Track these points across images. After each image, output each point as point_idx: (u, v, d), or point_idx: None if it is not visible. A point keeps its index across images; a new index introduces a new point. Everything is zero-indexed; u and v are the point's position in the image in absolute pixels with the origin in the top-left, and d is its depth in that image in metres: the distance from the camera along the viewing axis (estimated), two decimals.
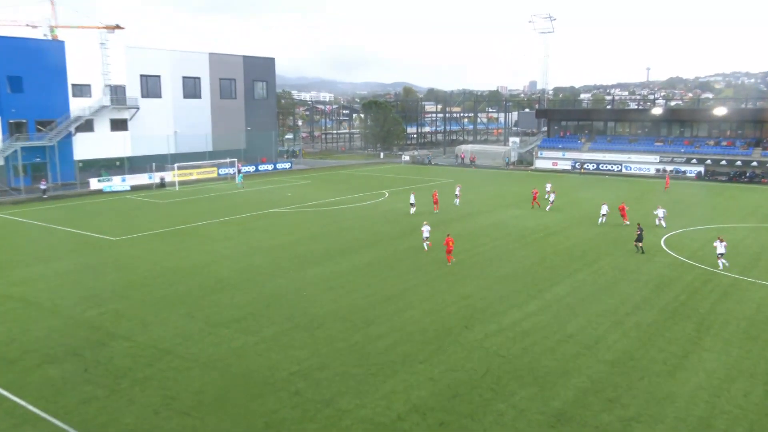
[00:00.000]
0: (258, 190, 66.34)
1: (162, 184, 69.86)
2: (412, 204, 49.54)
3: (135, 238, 40.69)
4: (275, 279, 30.26)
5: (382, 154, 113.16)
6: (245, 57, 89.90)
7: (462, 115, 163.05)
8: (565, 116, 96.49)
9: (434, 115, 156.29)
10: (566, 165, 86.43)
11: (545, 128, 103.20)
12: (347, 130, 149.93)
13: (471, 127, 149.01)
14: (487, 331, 23.11)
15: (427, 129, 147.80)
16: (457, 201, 53.82)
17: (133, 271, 32.05)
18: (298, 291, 28.21)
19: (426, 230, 36.48)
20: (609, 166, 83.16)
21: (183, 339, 22.63)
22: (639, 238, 34.90)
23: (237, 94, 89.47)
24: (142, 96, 77.63)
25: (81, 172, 70.99)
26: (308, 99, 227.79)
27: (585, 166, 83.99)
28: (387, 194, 60.72)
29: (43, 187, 62.48)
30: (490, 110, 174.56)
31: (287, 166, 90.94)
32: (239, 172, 75.96)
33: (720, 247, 31.58)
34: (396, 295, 27.40)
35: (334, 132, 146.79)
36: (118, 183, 68.60)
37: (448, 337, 22.58)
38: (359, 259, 34.18)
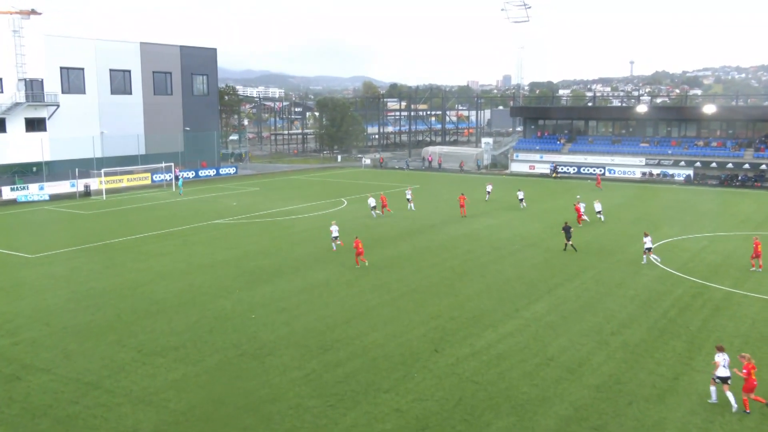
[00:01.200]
0: (199, 198, 65.66)
1: (87, 193, 68.75)
2: (372, 207, 52.27)
3: (55, 256, 39.76)
4: (219, 300, 29.95)
5: (339, 158, 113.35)
6: (182, 47, 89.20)
7: (429, 113, 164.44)
8: (543, 114, 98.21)
9: (398, 113, 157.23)
10: (544, 168, 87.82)
11: (521, 128, 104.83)
12: (300, 131, 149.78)
13: (439, 126, 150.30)
14: (459, 355, 23.27)
15: (390, 129, 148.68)
16: (411, 206, 55.57)
17: (53, 294, 31.31)
18: (246, 313, 27.97)
19: (335, 230, 40.00)
20: (591, 170, 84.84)
21: (112, 371, 22.20)
22: (567, 237, 39.34)
23: (173, 89, 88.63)
24: (63, 91, 76.34)
25: None
26: (255, 95, 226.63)
27: (559, 169, 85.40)
28: (345, 202, 60.75)
29: None
30: (461, 108, 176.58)
31: (232, 171, 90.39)
32: (177, 178, 75.01)
33: (647, 242, 36.11)
34: (356, 317, 27.39)
35: (286, 132, 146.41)
36: (35, 192, 67.16)
37: (415, 362, 22.66)
38: (315, 276, 34.07)
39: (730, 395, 19.24)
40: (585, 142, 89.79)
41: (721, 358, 19.59)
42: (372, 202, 52.76)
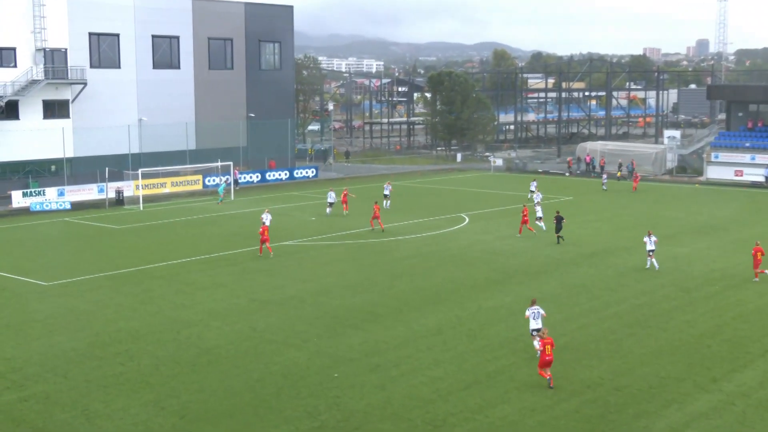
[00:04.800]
0: (263, 211, 67.11)
1: (119, 201, 71.59)
2: (330, 203, 63.07)
3: (76, 284, 41.59)
4: (290, 351, 30.45)
5: (459, 156, 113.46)
6: (248, 4, 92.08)
7: (587, 94, 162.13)
8: (756, 96, 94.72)
9: (543, 95, 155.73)
10: (758, 174, 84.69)
11: (722, 115, 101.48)
12: (405, 119, 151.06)
13: (602, 113, 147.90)
14: None
15: (531, 117, 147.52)
16: (387, 204, 64.96)
17: (72, 335, 32.70)
18: (326, 371, 28.29)
19: (266, 218, 50.50)
20: None
21: None
22: (558, 228, 48.09)
23: (235, 61, 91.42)
24: (92, 65, 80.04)
25: None
26: (345, 69, 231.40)
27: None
28: (467, 219, 60.66)
29: None
30: (634, 87, 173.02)
31: (310, 173, 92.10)
32: (236, 181, 77.20)
33: (649, 243, 43.20)
34: (479, 381, 27.18)
35: (385, 121, 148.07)
36: (53, 198, 70.67)
37: None
38: (422, 321, 34.09)
39: (536, 344, 28.41)
40: None
41: (530, 312, 29.66)
42: (331, 196, 62.88)
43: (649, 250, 43.63)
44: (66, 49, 78.06)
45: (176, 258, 47.80)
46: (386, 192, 67.08)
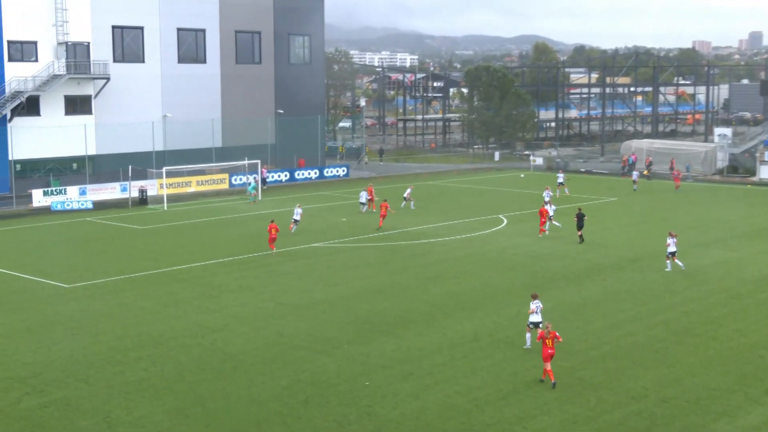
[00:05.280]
0: (291, 211, 67.32)
1: (142, 200, 72.24)
2: (362, 203, 62.94)
3: (98, 286, 41.99)
4: (319, 357, 30.49)
5: (497, 155, 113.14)
6: None
7: (633, 90, 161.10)
8: None
9: (586, 90, 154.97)
10: None
11: None
12: (440, 115, 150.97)
13: (648, 110, 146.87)
14: None
15: (573, 113, 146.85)
16: (406, 204, 66.21)
17: (93, 339, 33.00)
18: (356, 378, 28.31)
19: (298, 213, 55.62)
20: None
21: None
22: (579, 226, 49.89)
23: (263, 55, 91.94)
24: (115, 59, 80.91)
25: (18, 180, 74.23)
26: (377, 63, 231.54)
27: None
28: (505, 221, 60.46)
29: None
30: (682, 82, 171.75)
31: (341, 172, 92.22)
32: (260, 181, 77.29)
33: (672, 245, 43.67)
34: (518, 391, 27.04)
35: (419, 118, 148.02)
36: (74, 197, 71.42)
37: None
38: (458, 327, 34.05)
39: (528, 337, 30.90)
40: None
41: (535, 305, 30.87)
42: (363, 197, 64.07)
43: (671, 252, 43.96)
44: (89, 43, 78.94)
45: (201, 260, 48.08)
46: (406, 195, 67.55)
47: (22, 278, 43.87)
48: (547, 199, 61.88)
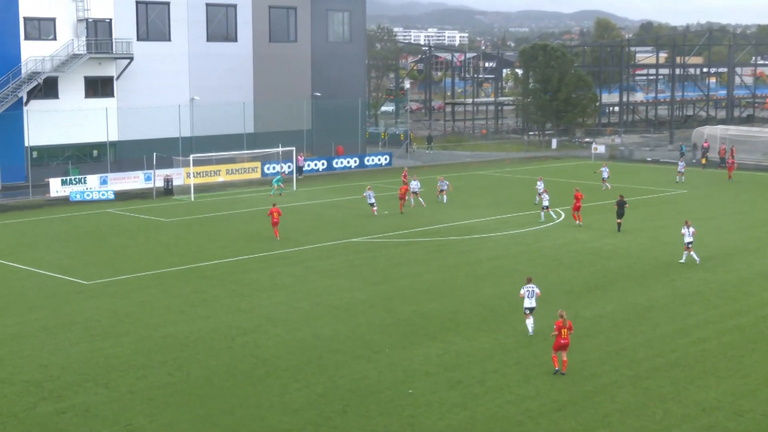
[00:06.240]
0: (329, 202, 67.83)
1: (168, 190, 72.68)
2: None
3: (120, 283, 42.35)
4: (358, 362, 30.54)
5: (554, 142, 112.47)
6: None
7: (706, 71, 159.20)
8: None
9: (653, 71, 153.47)
10: None
11: None
12: (492, 99, 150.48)
13: (723, 93, 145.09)
14: None
15: (639, 97, 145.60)
16: (441, 196, 66.06)
17: (114, 340, 33.25)
18: (399, 386, 28.29)
19: (370, 195, 59.22)
20: None
21: None
22: (619, 214, 52.83)
23: (299, 33, 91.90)
24: (139, 38, 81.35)
25: (35, 168, 74.79)
26: (423, 42, 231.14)
27: None
28: (563, 215, 60.13)
29: None
30: (761, 62, 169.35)
31: (384, 160, 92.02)
32: (294, 170, 77.41)
33: (687, 235, 44.49)
34: (580, 399, 26.91)
35: (469, 101, 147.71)
36: (94, 186, 72.05)
37: None
38: (509, 332, 33.94)
39: (529, 323, 33.05)
40: None
41: (525, 290, 32.98)
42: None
43: (687, 243, 44.76)
44: (111, 20, 79.42)
45: (231, 255, 48.34)
46: (443, 187, 66.57)
47: (38, 274, 44.37)
48: (540, 189, 62.41)
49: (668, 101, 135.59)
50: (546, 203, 58.01)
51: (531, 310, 32.99)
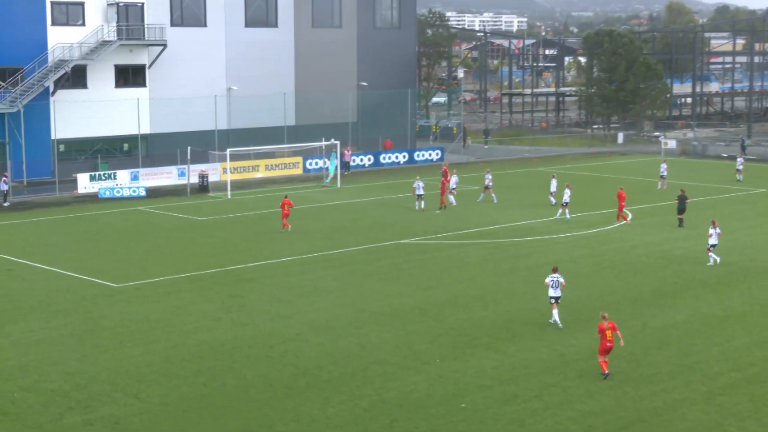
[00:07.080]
0: (376, 201, 67.91)
1: (203, 187, 72.89)
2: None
3: (151, 286, 42.63)
4: (406, 374, 30.49)
5: (620, 136, 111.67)
6: None
7: None
8: None
9: (729, 59, 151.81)
10: None
11: None
12: (553, 89, 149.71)
13: None
14: None
15: (714, 87, 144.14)
16: (486, 194, 66.41)
17: (145, 347, 33.47)
18: (451, 401, 28.24)
19: (419, 186, 61.15)
20: None
21: None
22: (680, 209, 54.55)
23: (343, 18, 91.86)
24: (173, 23, 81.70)
25: (62, 162, 75.56)
26: (479, 27, 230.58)
27: None
28: (630, 215, 59.69)
29: (3, 188, 66.38)
30: None
31: (435, 155, 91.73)
32: (339, 165, 77.37)
33: (714, 237, 45.58)
34: (648, 417, 26.72)
35: (528, 92, 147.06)
36: (125, 182, 72.56)
37: None
38: (571, 342, 33.77)
39: (555, 313, 35.13)
40: None
41: (550, 279, 35.20)
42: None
43: (711, 245, 45.90)
44: (143, 4, 79.79)
45: (270, 257, 48.49)
46: (488, 183, 66.36)
47: (65, 276, 44.75)
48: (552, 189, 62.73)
49: (746, 92, 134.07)
50: (566, 199, 58.57)
51: (556, 299, 35.19)
